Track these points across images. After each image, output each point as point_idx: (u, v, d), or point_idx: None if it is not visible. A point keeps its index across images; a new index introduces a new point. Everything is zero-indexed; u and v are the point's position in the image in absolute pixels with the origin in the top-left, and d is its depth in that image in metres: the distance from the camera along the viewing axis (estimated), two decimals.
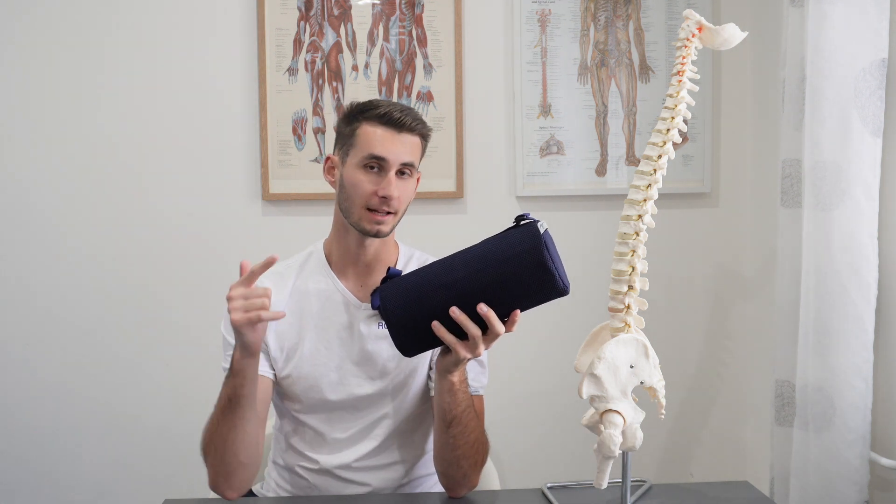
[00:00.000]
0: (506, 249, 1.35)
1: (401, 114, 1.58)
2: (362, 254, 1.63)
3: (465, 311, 1.35)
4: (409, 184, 1.61)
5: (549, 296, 1.36)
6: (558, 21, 2.50)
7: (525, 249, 1.33)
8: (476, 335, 1.36)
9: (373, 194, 1.56)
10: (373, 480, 1.67)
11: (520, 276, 1.33)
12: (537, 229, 1.34)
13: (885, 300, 1.85)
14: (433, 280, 1.38)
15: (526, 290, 1.35)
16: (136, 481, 2.50)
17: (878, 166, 1.82)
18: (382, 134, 1.57)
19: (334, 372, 1.63)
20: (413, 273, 1.42)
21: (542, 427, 2.56)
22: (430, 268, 1.41)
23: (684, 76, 1.37)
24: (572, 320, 2.20)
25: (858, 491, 1.83)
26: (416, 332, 1.39)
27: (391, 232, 1.61)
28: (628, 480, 1.48)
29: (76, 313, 2.48)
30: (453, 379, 1.48)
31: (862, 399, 1.82)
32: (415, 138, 1.60)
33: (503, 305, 1.36)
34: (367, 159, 1.57)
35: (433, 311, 1.36)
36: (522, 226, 1.37)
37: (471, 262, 1.37)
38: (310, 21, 2.46)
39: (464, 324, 1.35)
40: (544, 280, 1.33)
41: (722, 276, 2.59)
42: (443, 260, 1.41)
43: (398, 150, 1.57)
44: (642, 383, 1.35)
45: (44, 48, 2.43)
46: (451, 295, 1.35)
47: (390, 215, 1.58)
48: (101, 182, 2.46)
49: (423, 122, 1.61)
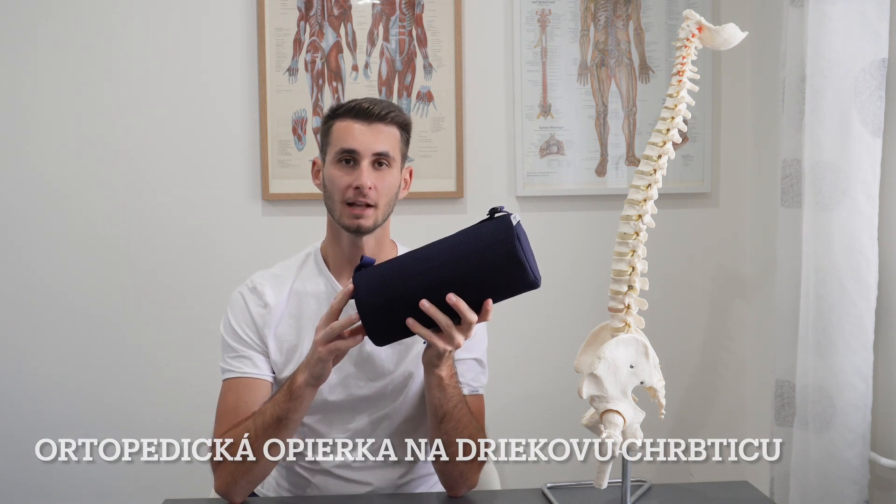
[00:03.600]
0: (478, 240, 1.35)
1: (370, 104, 1.58)
2: (357, 253, 1.63)
3: (438, 301, 1.35)
4: (389, 175, 1.60)
5: (520, 288, 1.36)
6: (558, 21, 2.50)
7: (497, 241, 1.34)
8: (447, 325, 1.36)
9: (348, 187, 1.56)
10: (373, 480, 1.67)
11: (491, 267, 1.34)
12: (510, 221, 1.35)
13: (885, 300, 1.85)
14: (405, 270, 1.38)
15: (497, 281, 1.35)
16: (136, 481, 2.50)
17: (878, 166, 1.82)
18: (353, 127, 1.58)
19: (333, 373, 1.63)
20: (386, 262, 1.42)
21: (543, 427, 2.56)
22: (403, 258, 1.42)
23: (684, 76, 1.37)
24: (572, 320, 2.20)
25: (858, 491, 1.83)
26: (386, 321, 1.38)
27: (375, 227, 1.60)
28: (628, 480, 1.48)
29: (76, 313, 2.48)
30: (441, 374, 1.48)
31: (862, 399, 1.82)
32: (389, 128, 1.59)
33: (475, 295, 1.35)
34: (340, 153, 1.58)
35: (405, 301, 1.36)
36: (496, 218, 1.38)
37: (443, 252, 1.37)
38: (310, 21, 2.46)
39: (434, 315, 1.35)
40: (515, 272, 1.34)
41: (722, 276, 2.59)
42: (416, 250, 1.42)
43: (368, 140, 1.57)
44: (642, 383, 1.35)
45: (44, 48, 2.43)
46: (422, 286, 1.35)
47: (370, 209, 1.57)
48: (101, 182, 2.46)
49: (396, 110, 1.61)
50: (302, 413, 1.51)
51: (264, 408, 1.53)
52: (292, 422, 1.50)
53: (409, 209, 2.51)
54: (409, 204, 2.51)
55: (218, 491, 1.58)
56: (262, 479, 1.58)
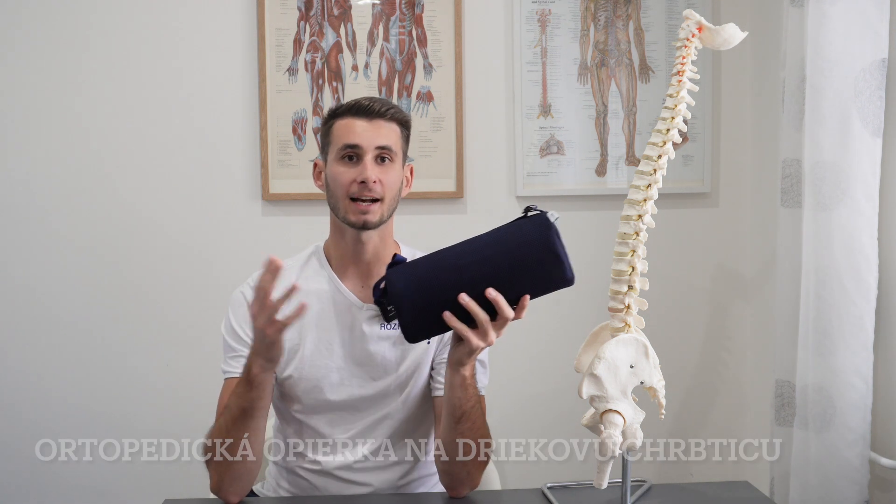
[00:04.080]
0: (517, 236, 1.37)
1: (370, 101, 1.60)
2: (361, 252, 1.63)
3: (474, 297, 1.35)
4: (392, 170, 1.60)
5: (558, 284, 1.38)
6: (558, 21, 2.50)
7: (537, 237, 1.36)
8: (485, 320, 1.36)
9: (352, 182, 1.57)
10: (374, 481, 1.67)
11: (530, 263, 1.35)
12: (548, 219, 1.37)
13: (885, 300, 1.85)
14: (442, 265, 1.38)
15: (536, 277, 1.36)
16: (136, 481, 2.50)
17: (878, 166, 1.82)
18: (354, 123, 1.59)
19: (335, 373, 1.63)
20: (421, 259, 1.42)
21: (543, 427, 2.56)
22: (438, 254, 1.42)
23: (684, 76, 1.37)
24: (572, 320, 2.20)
25: (858, 491, 1.83)
26: (423, 316, 1.38)
27: (380, 223, 1.60)
28: (628, 480, 1.48)
29: (76, 314, 2.48)
30: (465, 373, 1.48)
31: (862, 399, 1.82)
32: (390, 124, 1.61)
33: (512, 291, 1.36)
34: (343, 150, 1.59)
35: (441, 297, 1.36)
36: (533, 216, 1.39)
37: (481, 249, 1.38)
38: (310, 21, 2.46)
39: (472, 310, 1.35)
40: (554, 268, 1.36)
41: (722, 276, 2.59)
42: (451, 247, 1.41)
43: (370, 135, 1.58)
44: (642, 383, 1.35)
45: (44, 48, 2.43)
46: (460, 279, 1.36)
47: (375, 203, 1.57)
48: (101, 181, 2.46)
49: (395, 107, 1.62)
50: (266, 400, 1.51)
51: (229, 403, 1.53)
52: (258, 410, 1.50)
53: (409, 209, 2.51)
54: (409, 204, 2.50)
55: (212, 491, 1.58)
56: (248, 476, 1.56)
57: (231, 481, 1.55)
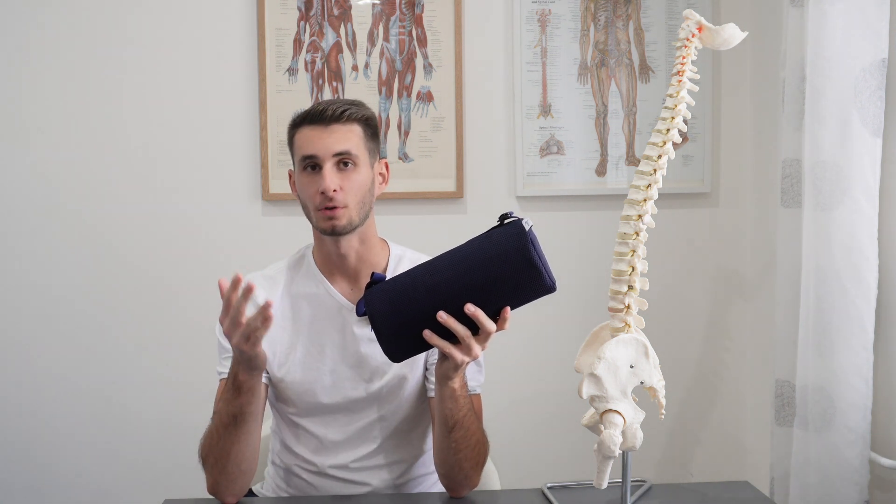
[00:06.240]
0: (491, 248, 1.33)
1: (324, 107, 1.57)
2: (343, 257, 1.62)
3: (454, 312, 1.33)
4: (354, 174, 1.57)
5: (538, 293, 1.34)
6: (558, 21, 2.50)
7: (512, 248, 1.32)
8: (466, 336, 1.34)
9: (315, 193, 1.56)
10: (372, 480, 1.67)
11: (507, 274, 1.32)
12: (522, 227, 1.33)
13: (885, 300, 1.85)
14: (418, 284, 1.35)
15: (514, 288, 1.33)
16: (136, 481, 2.50)
17: (878, 166, 1.82)
18: (311, 133, 1.57)
19: (328, 376, 1.63)
20: (397, 277, 1.39)
21: (543, 427, 2.56)
22: (414, 271, 1.39)
23: (684, 76, 1.37)
24: (572, 320, 2.20)
25: (858, 491, 1.83)
26: (403, 338, 1.36)
27: (351, 227, 1.57)
28: (628, 480, 1.48)
29: (77, 313, 2.48)
30: (454, 385, 1.47)
31: (862, 399, 1.82)
32: (349, 126, 1.58)
33: (492, 304, 1.34)
34: (302, 161, 1.58)
35: (420, 315, 1.34)
36: (507, 224, 1.36)
37: (457, 264, 1.35)
38: (310, 21, 2.46)
39: (452, 327, 1.33)
40: (532, 278, 1.32)
41: (722, 276, 2.59)
42: (427, 263, 1.39)
43: (326, 143, 1.56)
44: (642, 383, 1.35)
45: (43, 48, 2.43)
46: (437, 298, 1.33)
47: (340, 209, 1.55)
48: (101, 181, 2.46)
49: (353, 107, 1.58)
50: (257, 405, 1.50)
51: (219, 408, 1.53)
52: (249, 415, 1.49)
53: (409, 209, 2.52)
54: (409, 204, 2.51)
55: (209, 491, 1.58)
56: (243, 478, 1.56)
57: (227, 484, 1.55)
